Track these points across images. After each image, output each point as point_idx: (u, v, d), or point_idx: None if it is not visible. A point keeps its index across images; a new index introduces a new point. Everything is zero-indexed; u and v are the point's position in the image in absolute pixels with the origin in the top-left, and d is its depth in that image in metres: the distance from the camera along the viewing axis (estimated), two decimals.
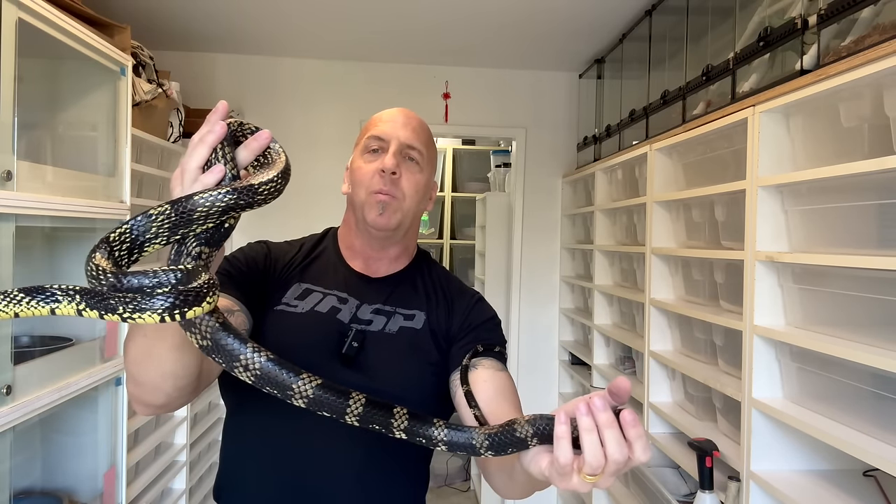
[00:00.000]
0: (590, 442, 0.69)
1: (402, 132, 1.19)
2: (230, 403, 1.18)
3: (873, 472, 1.54)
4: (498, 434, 0.76)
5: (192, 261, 0.75)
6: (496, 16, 2.94)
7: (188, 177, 0.78)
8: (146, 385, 0.90)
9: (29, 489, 1.98)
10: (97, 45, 1.93)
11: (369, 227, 1.17)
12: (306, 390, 0.75)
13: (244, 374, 0.74)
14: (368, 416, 0.77)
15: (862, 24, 1.41)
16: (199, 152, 0.78)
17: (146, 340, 0.86)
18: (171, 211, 0.72)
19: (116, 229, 0.72)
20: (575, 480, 0.71)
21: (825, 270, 1.49)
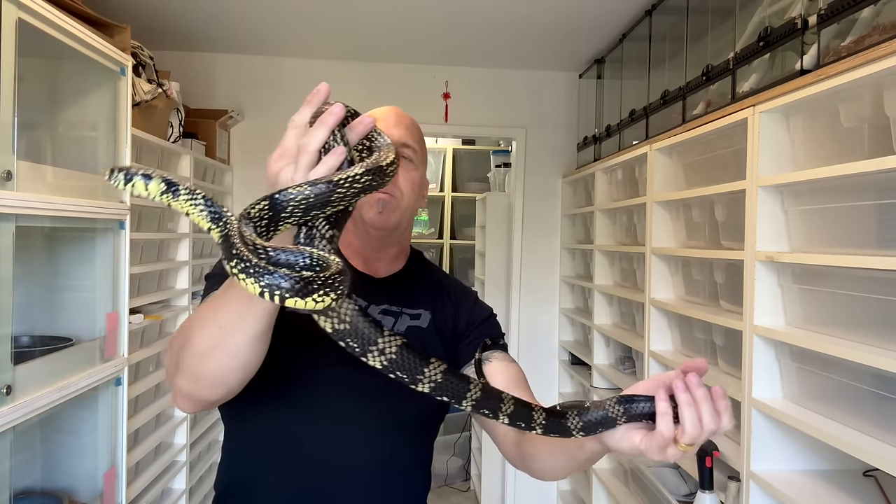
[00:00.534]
0: (690, 415, 0.77)
1: (396, 130, 1.18)
2: (230, 411, 1.16)
3: (873, 472, 1.54)
4: (592, 415, 0.83)
5: (326, 243, 0.75)
6: (496, 16, 2.94)
7: (307, 158, 0.77)
8: (208, 379, 0.88)
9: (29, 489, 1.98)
10: (97, 45, 1.93)
11: (368, 226, 1.16)
12: (434, 376, 0.78)
13: (377, 359, 0.76)
14: (482, 403, 0.81)
15: (862, 24, 1.41)
16: (319, 134, 0.78)
17: (221, 332, 0.84)
18: (310, 192, 0.72)
19: (255, 205, 0.72)
20: (670, 451, 0.80)
21: (825, 270, 1.49)
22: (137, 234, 2.35)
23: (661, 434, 0.78)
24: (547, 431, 0.84)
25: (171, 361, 0.92)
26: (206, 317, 0.86)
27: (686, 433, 0.77)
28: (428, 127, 3.81)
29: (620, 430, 0.83)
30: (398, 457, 1.13)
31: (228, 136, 3.59)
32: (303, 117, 0.82)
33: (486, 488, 3.89)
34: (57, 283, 2.05)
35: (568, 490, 3.69)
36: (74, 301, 2.06)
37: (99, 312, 2.06)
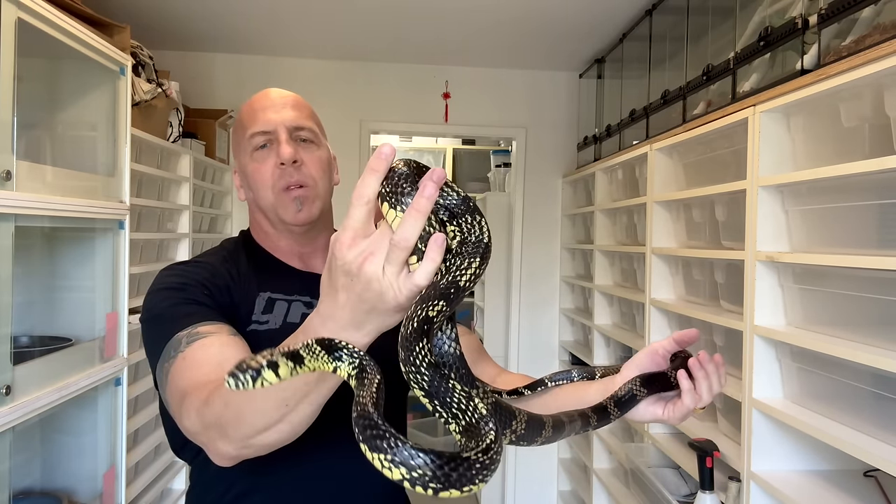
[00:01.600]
0: (706, 386, 0.93)
1: (285, 115, 1.11)
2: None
3: (874, 472, 1.54)
4: (622, 399, 0.95)
5: (454, 344, 0.69)
6: (496, 15, 2.94)
7: (403, 255, 0.63)
8: (266, 447, 0.81)
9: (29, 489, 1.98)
10: (97, 45, 1.93)
11: (291, 226, 1.11)
12: (520, 429, 0.81)
13: (510, 436, 0.80)
14: (552, 437, 0.87)
15: (862, 23, 1.41)
16: (418, 225, 0.62)
17: (286, 408, 0.77)
18: (443, 299, 0.62)
19: (436, 305, 0.62)
20: (687, 417, 0.96)
21: (825, 270, 1.49)
22: (137, 234, 2.35)
23: (686, 406, 0.93)
24: (597, 425, 0.95)
25: (208, 427, 0.82)
26: (262, 395, 0.76)
27: (703, 399, 0.94)
28: (428, 127, 3.82)
29: (642, 406, 0.96)
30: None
31: (228, 136, 3.59)
32: (371, 190, 0.65)
33: (486, 488, 3.89)
34: (56, 283, 2.05)
35: (568, 490, 3.69)
36: (74, 301, 2.06)
37: (98, 312, 2.06)
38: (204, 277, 1.07)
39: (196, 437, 0.86)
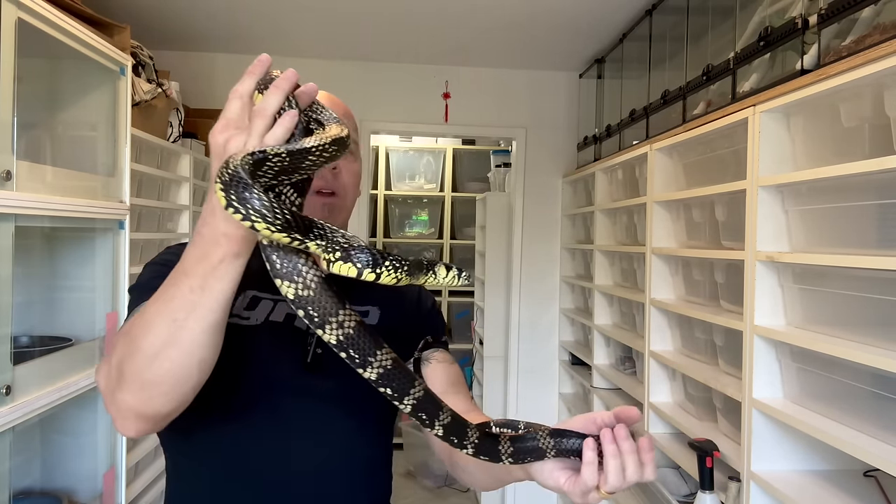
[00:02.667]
0: (614, 466, 0.81)
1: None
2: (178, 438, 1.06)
3: (874, 472, 1.54)
4: (521, 444, 0.85)
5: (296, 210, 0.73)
6: (496, 15, 2.94)
7: (264, 123, 0.75)
8: (163, 385, 0.79)
9: (28, 489, 1.98)
10: (97, 45, 1.93)
11: None
12: (385, 362, 0.74)
13: (334, 332, 0.72)
14: (421, 406, 0.78)
15: (862, 23, 1.41)
16: (275, 98, 0.77)
17: (176, 324, 0.76)
18: (287, 155, 0.71)
19: (230, 163, 0.67)
20: (592, 496, 0.83)
21: (825, 270, 1.49)
22: (137, 234, 2.35)
23: (584, 481, 0.82)
24: (478, 453, 0.84)
25: (111, 377, 0.82)
26: (153, 313, 0.78)
27: (608, 482, 0.81)
28: (428, 127, 3.82)
29: (548, 466, 0.86)
30: (359, 460, 1.09)
31: None
32: (246, 87, 0.80)
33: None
34: (56, 283, 2.05)
35: None
36: (74, 301, 2.06)
37: (98, 312, 2.06)
38: None
39: (105, 396, 0.85)
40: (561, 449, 0.84)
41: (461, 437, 0.82)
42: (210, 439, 1.05)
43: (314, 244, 0.68)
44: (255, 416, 1.04)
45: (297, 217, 0.67)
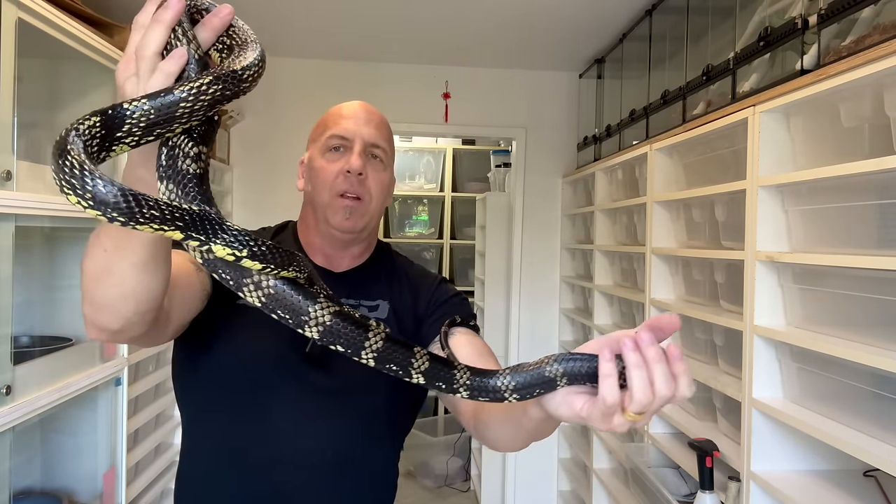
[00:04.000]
0: (639, 378, 0.66)
1: (366, 130, 1.16)
2: (189, 410, 1.14)
3: (873, 472, 1.54)
4: (525, 375, 0.72)
5: (192, 162, 0.66)
6: (496, 15, 2.94)
7: (145, 65, 0.66)
8: (103, 307, 0.81)
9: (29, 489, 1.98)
10: (97, 45, 1.93)
11: (333, 229, 1.14)
12: (323, 317, 0.67)
13: (254, 294, 0.67)
14: (387, 354, 0.70)
15: (862, 23, 1.41)
16: (155, 34, 0.65)
17: (106, 255, 0.77)
18: (150, 107, 0.61)
19: (85, 120, 0.60)
20: (616, 421, 0.69)
21: (825, 270, 1.49)
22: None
23: (603, 400, 0.67)
24: (473, 394, 0.73)
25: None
26: (92, 241, 0.79)
27: (634, 399, 0.66)
28: (428, 127, 3.82)
29: (560, 395, 0.72)
30: (357, 456, 1.10)
31: (228, 136, 3.59)
32: (146, 15, 0.67)
33: (486, 488, 3.89)
34: (57, 283, 2.05)
35: (568, 490, 3.69)
36: (74, 301, 2.06)
37: None
38: None
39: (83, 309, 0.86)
40: (573, 374, 0.70)
41: (449, 383, 0.73)
42: (206, 419, 1.10)
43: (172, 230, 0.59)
44: (247, 399, 1.07)
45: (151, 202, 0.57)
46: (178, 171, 0.65)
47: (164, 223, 0.58)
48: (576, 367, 0.70)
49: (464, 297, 1.23)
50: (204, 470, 1.11)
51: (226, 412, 1.09)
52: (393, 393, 1.12)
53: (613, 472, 2.93)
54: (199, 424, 1.13)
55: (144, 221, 0.56)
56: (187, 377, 1.13)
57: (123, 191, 0.55)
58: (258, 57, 0.67)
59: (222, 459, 1.09)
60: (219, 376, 1.08)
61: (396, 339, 0.71)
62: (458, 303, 1.21)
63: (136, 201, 0.55)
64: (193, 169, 0.66)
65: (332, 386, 1.09)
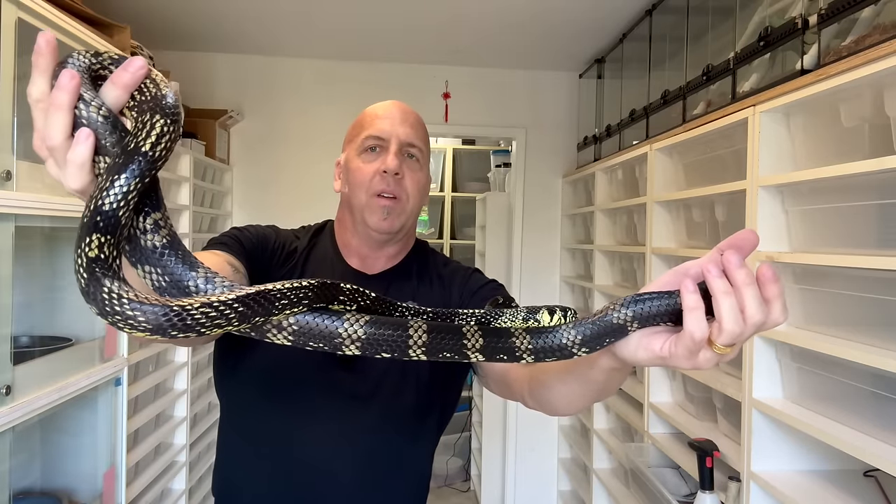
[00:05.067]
0: (728, 306, 0.59)
1: (402, 129, 1.16)
2: (229, 405, 1.18)
3: (873, 472, 1.54)
4: (591, 325, 0.65)
5: (153, 235, 0.61)
6: (496, 16, 2.94)
7: (58, 155, 0.59)
8: None
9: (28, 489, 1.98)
10: (97, 45, 1.93)
11: (371, 230, 1.14)
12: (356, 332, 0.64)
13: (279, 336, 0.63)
14: (435, 345, 0.65)
15: (862, 23, 1.41)
16: (56, 122, 0.57)
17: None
18: (90, 219, 0.57)
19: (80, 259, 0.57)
20: (702, 356, 0.62)
21: (825, 270, 1.49)
22: None
23: (690, 335, 0.60)
24: (539, 357, 0.67)
25: None
26: None
27: (724, 330, 0.59)
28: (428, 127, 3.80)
29: (634, 339, 0.65)
30: (388, 459, 1.12)
31: (228, 136, 3.59)
32: (38, 89, 0.58)
33: (486, 488, 3.89)
34: (57, 283, 2.05)
35: (568, 490, 3.69)
36: (74, 301, 2.06)
37: None
38: (267, 234, 1.16)
39: None
40: (645, 316, 0.63)
41: (510, 352, 0.67)
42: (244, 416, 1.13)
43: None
44: (282, 400, 1.10)
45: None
46: (144, 251, 0.61)
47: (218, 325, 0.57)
48: (647, 308, 0.63)
49: (500, 284, 1.22)
50: (234, 471, 1.14)
51: (262, 412, 1.11)
52: (422, 384, 1.12)
53: (613, 472, 2.93)
54: (237, 422, 1.16)
55: (206, 328, 0.56)
56: (226, 377, 1.16)
57: (166, 310, 0.54)
58: (167, 123, 0.58)
59: (259, 457, 1.11)
60: (256, 377, 1.10)
61: (439, 325, 0.67)
62: (495, 287, 1.20)
63: (178, 317, 0.55)
64: (158, 241, 0.61)
65: (365, 384, 1.10)
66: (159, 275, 0.60)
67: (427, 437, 1.18)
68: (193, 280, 0.60)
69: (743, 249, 0.60)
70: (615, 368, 0.72)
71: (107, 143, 0.59)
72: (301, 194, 3.60)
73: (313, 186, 3.55)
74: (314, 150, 3.62)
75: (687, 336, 0.60)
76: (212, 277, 0.61)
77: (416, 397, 1.13)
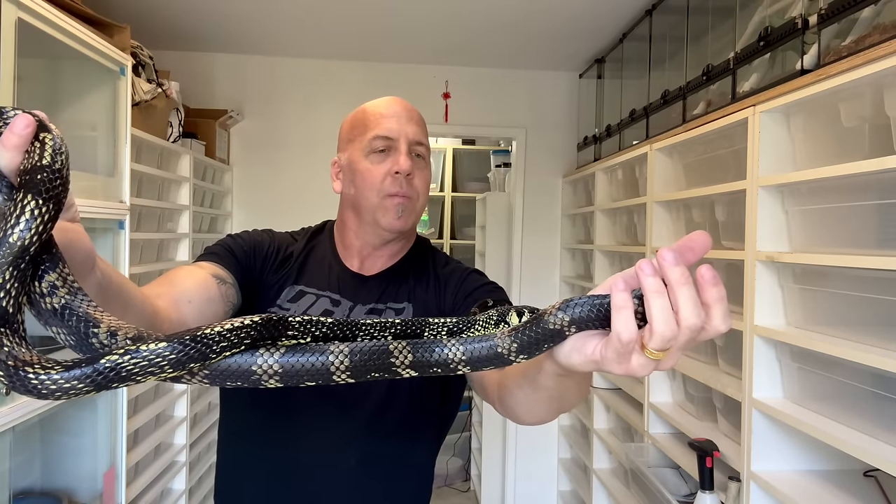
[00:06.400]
0: (659, 307, 0.54)
1: (409, 128, 1.15)
2: (228, 408, 1.18)
3: (873, 472, 1.54)
4: (527, 331, 0.61)
5: (50, 297, 0.59)
6: (496, 16, 2.94)
7: None
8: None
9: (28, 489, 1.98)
10: (97, 45, 1.93)
11: (383, 230, 1.13)
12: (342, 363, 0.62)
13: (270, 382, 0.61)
14: (422, 361, 0.63)
15: (862, 23, 1.41)
16: None
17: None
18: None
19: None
20: (635, 361, 0.57)
21: (825, 270, 1.49)
22: (137, 234, 2.35)
23: (617, 336, 0.56)
24: (475, 366, 0.64)
25: None
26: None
27: (654, 332, 0.54)
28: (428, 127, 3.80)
29: (569, 343, 0.61)
30: (386, 464, 1.12)
31: (228, 136, 3.59)
32: None
33: (486, 488, 3.89)
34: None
35: (568, 490, 3.69)
36: None
37: None
38: (261, 240, 1.16)
39: None
40: (582, 319, 0.60)
41: (444, 365, 0.64)
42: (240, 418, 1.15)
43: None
44: (279, 404, 1.10)
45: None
46: (48, 314, 0.60)
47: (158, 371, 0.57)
48: (583, 311, 0.60)
49: (498, 286, 1.18)
50: (240, 472, 1.15)
51: (258, 416, 1.12)
52: (415, 385, 1.12)
53: (613, 472, 2.93)
54: (235, 426, 1.17)
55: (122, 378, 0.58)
56: None
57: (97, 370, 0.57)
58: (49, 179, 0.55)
59: (257, 460, 1.12)
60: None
61: (419, 342, 0.64)
62: (491, 290, 1.16)
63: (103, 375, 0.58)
64: (56, 303, 0.59)
65: (356, 389, 1.09)
66: (66, 335, 0.61)
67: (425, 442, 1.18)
68: (97, 338, 0.60)
69: (693, 251, 0.57)
70: (559, 374, 0.70)
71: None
72: (301, 194, 3.60)
73: (313, 186, 3.55)
74: (314, 151, 3.62)
75: (614, 337, 0.56)
76: (115, 331, 0.60)
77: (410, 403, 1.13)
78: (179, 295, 0.89)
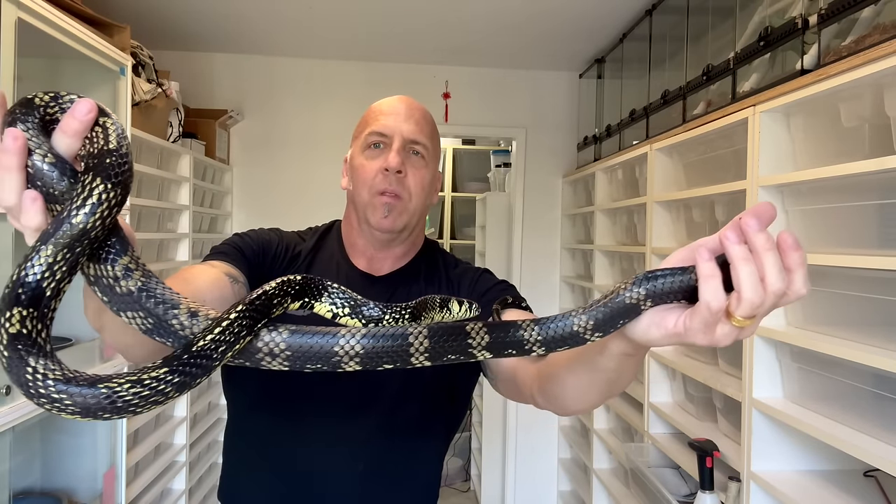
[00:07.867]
0: (747, 273, 0.54)
1: (406, 126, 1.13)
2: (234, 409, 1.18)
3: (874, 472, 1.54)
4: (604, 307, 0.60)
5: (125, 280, 0.58)
6: (496, 16, 2.94)
7: (16, 215, 0.57)
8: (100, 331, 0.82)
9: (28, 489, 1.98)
10: (97, 45, 1.93)
11: (373, 229, 1.12)
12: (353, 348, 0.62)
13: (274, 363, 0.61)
14: (439, 348, 0.62)
15: (862, 23, 1.41)
16: (6, 184, 0.54)
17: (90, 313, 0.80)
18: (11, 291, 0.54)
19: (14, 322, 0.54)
20: (720, 331, 0.57)
21: (826, 270, 1.49)
22: (137, 234, 2.35)
23: (707, 305, 0.55)
24: (550, 347, 0.63)
25: None
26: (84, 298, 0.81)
27: (743, 299, 0.54)
28: None
29: (646, 319, 0.60)
30: (393, 467, 1.11)
31: (228, 136, 3.59)
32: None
33: (486, 488, 3.89)
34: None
35: (568, 490, 3.69)
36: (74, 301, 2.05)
37: None
38: (269, 239, 1.15)
39: None
40: (659, 293, 0.59)
41: (520, 346, 0.63)
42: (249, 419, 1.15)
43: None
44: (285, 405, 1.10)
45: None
46: (122, 298, 0.59)
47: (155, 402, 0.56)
48: (660, 285, 0.59)
49: (510, 285, 1.18)
50: (245, 474, 1.15)
51: (265, 419, 1.12)
52: (427, 384, 1.11)
53: (613, 472, 2.93)
54: (241, 427, 1.16)
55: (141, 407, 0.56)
56: (232, 381, 1.16)
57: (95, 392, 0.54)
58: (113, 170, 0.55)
59: (263, 464, 1.12)
60: (257, 383, 1.10)
61: (439, 327, 0.64)
62: (505, 288, 1.16)
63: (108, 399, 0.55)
64: (133, 286, 0.58)
65: (366, 392, 1.09)
66: (143, 318, 0.59)
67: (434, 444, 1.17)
68: (177, 318, 0.59)
69: (761, 220, 0.56)
70: (626, 353, 0.68)
71: (57, 193, 0.56)
72: (301, 194, 3.60)
73: (314, 186, 3.55)
74: (314, 151, 3.62)
75: (703, 307, 0.56)
76: (195, 311, 0.60)
77: (421, 404, 1.12)
78: (194, 293, 0.89)
